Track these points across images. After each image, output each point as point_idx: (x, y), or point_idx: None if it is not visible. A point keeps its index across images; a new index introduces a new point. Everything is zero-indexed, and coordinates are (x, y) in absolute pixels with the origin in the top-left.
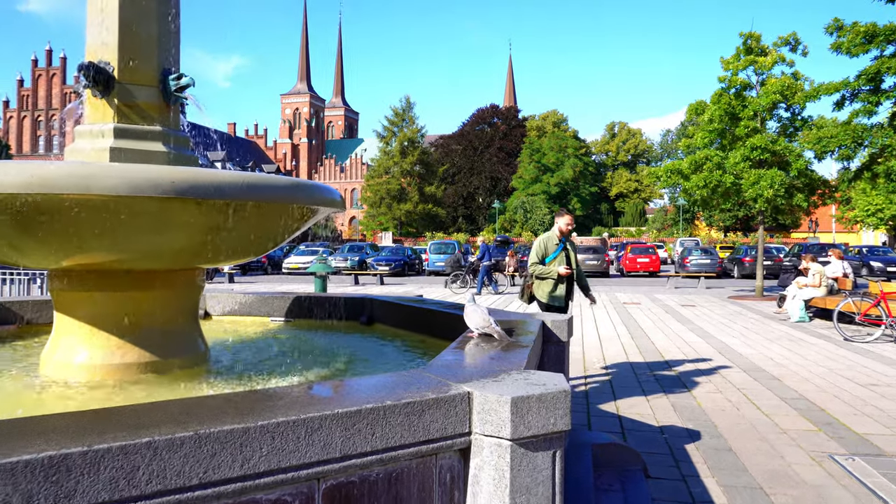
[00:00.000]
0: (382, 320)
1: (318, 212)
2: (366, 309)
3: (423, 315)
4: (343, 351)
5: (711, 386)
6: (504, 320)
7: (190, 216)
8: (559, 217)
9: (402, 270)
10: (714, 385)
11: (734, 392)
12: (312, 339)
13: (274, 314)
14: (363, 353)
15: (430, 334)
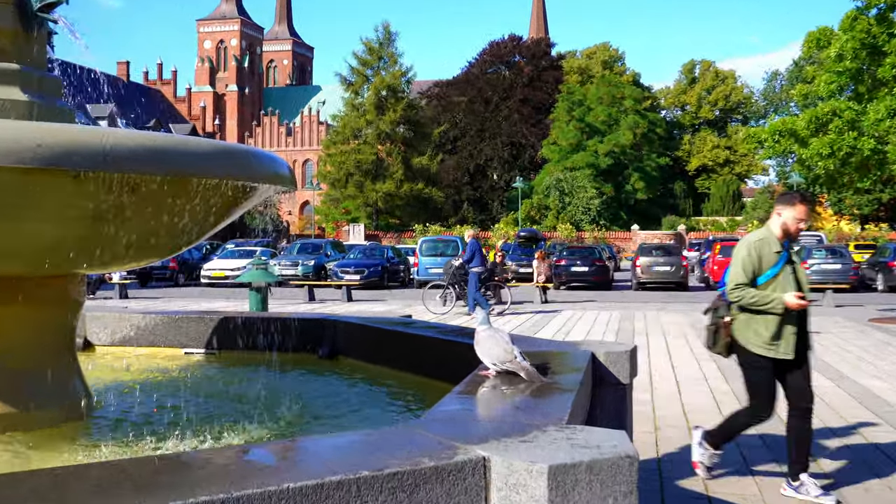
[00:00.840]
0: (351, 352)
1: (256, 191)
2: (326, 336)
3: (411, 345)
4: (293, 397)
5: (849, 455)
6: (534, 351)
7: (63, 197)
8: (786, 206)
9: (381, 280)
10: (854, 454)
11: (890, 465)
12: (247, 381)
13: (190, 344)
14: (323, 400)
15: (425, 373)
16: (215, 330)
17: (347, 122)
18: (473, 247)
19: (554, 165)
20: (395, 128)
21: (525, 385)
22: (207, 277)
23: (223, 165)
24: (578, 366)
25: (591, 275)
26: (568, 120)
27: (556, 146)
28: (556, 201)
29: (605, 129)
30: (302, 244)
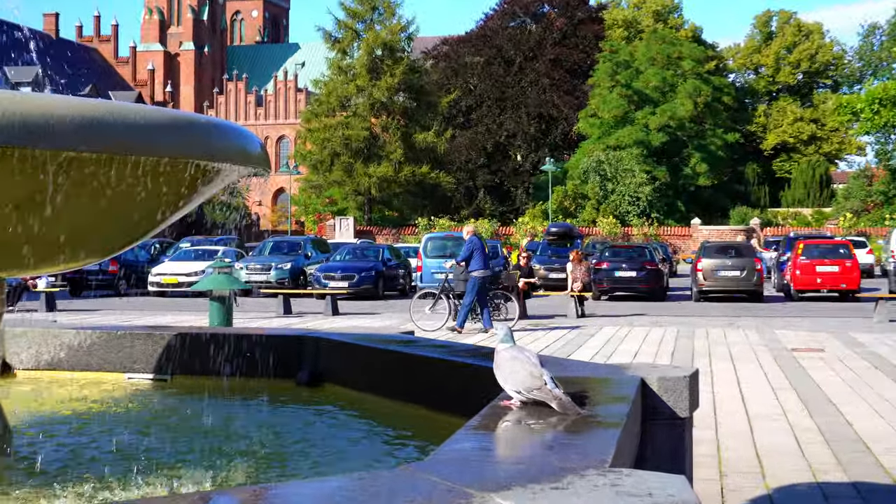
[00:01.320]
0: (337, 378)
1: (219, 174)
2: (307, 357)
3: (414, 369)
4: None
5: None
6: (569, 377)
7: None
8: None
9: (375, 289)
10: None
11: None
12: (205, 415)
13: (134, 367)
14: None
15: (431, 405)
16: (166, 350)
17: (333, 88)
18: (473, 245)
19: (593, 143)
20: (393, 96)
21: (557, 419)
22: (156, 284)
23: (177, 140)
24: (624, 395)
25: (641, 281)
26: (611, 86)
27: (595, 119)
28: (597, 188)
29: (658, 98)
30: (275, 243)
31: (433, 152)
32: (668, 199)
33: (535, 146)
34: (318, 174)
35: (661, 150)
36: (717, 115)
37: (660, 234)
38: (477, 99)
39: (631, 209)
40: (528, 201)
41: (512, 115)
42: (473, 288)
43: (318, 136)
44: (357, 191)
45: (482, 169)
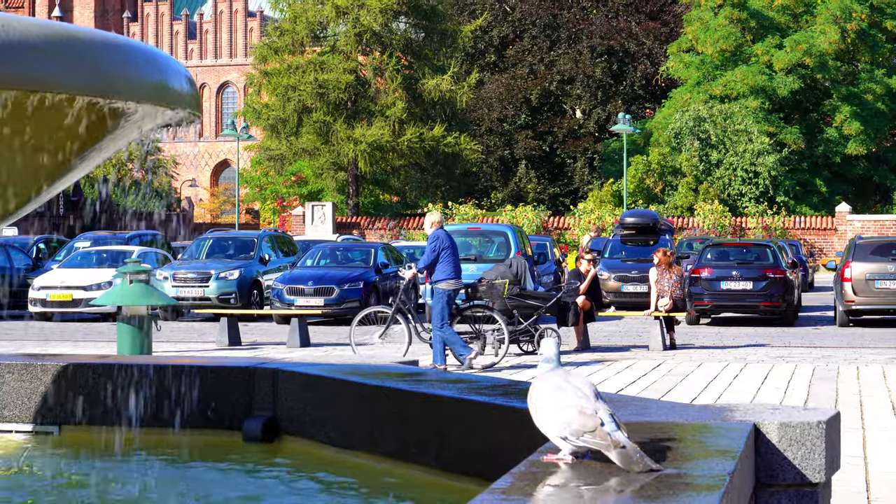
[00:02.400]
0: (303, 428)
1: (125, 120)
2: (259, 399)
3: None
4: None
5: None
6: (650, 422)
7: None
8: None
9: (363, 307)
10: None
11: None
12: (106, 489)
13: (5, 413)
14: None
15: (445, 466)
16: (54, 389)
17: (301, 11)
18: (439, 244)
19: (690, 92)
20: (391, 22)
21: (620, 480)
22: (40, 302)
23: (56, 65)
24: (727, 447)
25: (760, 296)
26: (716, 6)
27: (693, 56)
28: (695, 160)
29: (788, 24)
30: (216, 241)
31: (450, 106)
32: (801, 175)
33: (602, 97)
34: (278, 140)
35: (793, 102)
36: (877, 49)
37: (789, 227)
38: (515, 27)
39: (746, 190)
40: (591, 179)
41: (567, 51)
42: (444, 308)
43: (278, 84)
44: (337, 164)
45: (524, 131)
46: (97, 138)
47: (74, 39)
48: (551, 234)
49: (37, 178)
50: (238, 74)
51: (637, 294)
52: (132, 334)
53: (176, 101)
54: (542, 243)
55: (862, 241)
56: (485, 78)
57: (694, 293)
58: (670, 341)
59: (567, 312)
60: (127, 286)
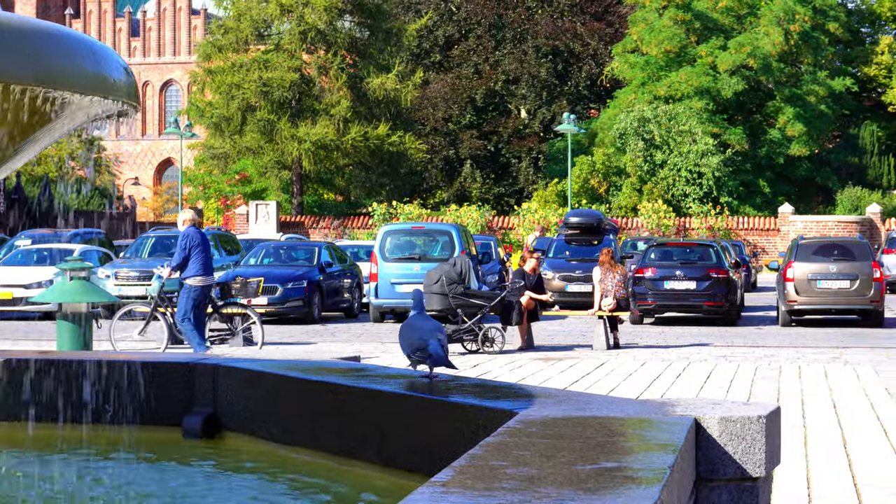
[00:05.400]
0: (244, 424)
1: (59, 110)
2: (200, 394)
3: (363, 409)
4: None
5: None
6: (589, 416)
7: None
8: None
9: (307, 306)
10: None
11: None
12: (46, 485)
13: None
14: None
15: (387, 461)
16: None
17: (245, 9)
18: (190, 241)
19: (634, 92)
20: (335, 20)
21: (560, 473)
22: None
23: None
24: (667, 441)
25: (703, 296)
26: (661, 7)
27: (637, 57)
28: (639, 160)
29: (732, 26)
30: (159, 239)
31: (395, 105)
32: (745, 175)
33: (547, 97)
34: (222, 138)
35: (736, 103)
36: (820, 51)
37: (732, 227)
38: (461, 26)
39: (690, 191)
40: (536, 179)
41: (513, 50)
42: (189, 302)
43: (222, 82)
44: (281, 163)
45: (468, 130)
46: (33, 128)
47: (11, 27)
48: (496, 234)
49: None
50: (182, 72)
51: (581, 294)
52: (72, 331)
53: (113, 91)
54: (487, 243)
55: (804, 242)
56: (430, 77)
57: (637, 293)
58: (614, 341)
59: (511, 312)
60: (67, 283)
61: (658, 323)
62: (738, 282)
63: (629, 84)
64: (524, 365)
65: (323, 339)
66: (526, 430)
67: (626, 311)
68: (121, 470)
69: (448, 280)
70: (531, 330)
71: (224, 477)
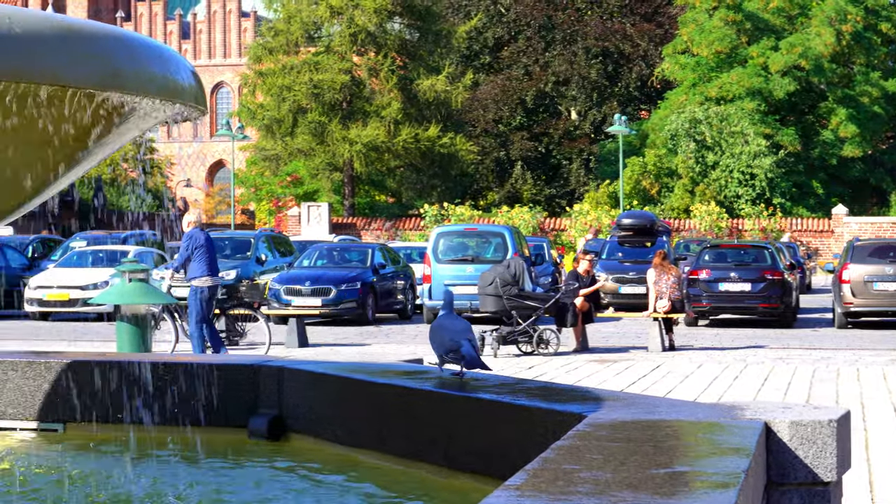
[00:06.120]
0: (309, 426)
1: (129, 115)
2: (265, 397)
3: (426, 410)
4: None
5: None
6: (657, 420)
7: None
8: None
9: (361, 307)
10: None
11: None
12: (115, 482)
13: (8, 412)
14: None
15: (456, 464)
16: (57, 387)
17: (295, 11)
18: (193, 242)
19: (685, 93)
20: (385, 22)
21: (635, 477)
22: (37, 302)
23: (62, 58)
24: (739, 445)
25: (758, 298)
26: (711, 8)
27: (688, 58)
28: (691, 161)
29: (783, 26)
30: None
31: (445, 107)
32: (797, 177)
33: (597, 99)
34: (274, 140)
35: (788, 104)
36: (873, 51)
37: (786, 228)
38: (510, 28)
39: (743, 192)
40: (587, 180)
41: (563, 52)
42: (198, 304)
43: (273, 84)
44: (333, 164)
45: (519, 132)
46: (103, 133)
47: (82, 33)
48: (548, 236)
49: (42, 173)
50: (232, 74)
51: (635, 295)
52: (132, 333)
53: (181, 95)
54: (539, 244)
55: (860, 244)
56: (480, 79)
57: (692, 295)
58: (669, 342)
59: (565, 313)
60: (126, 285)
61: (713, 325)
62: (793, 283)
63: (680, 85)
64: (580, 367)
65: (377, 340)
66: (595, 433)
67: (680, 313)
68: (189, 472)
69: (502, 282)
70: (586, 332)
71: (292, 479)
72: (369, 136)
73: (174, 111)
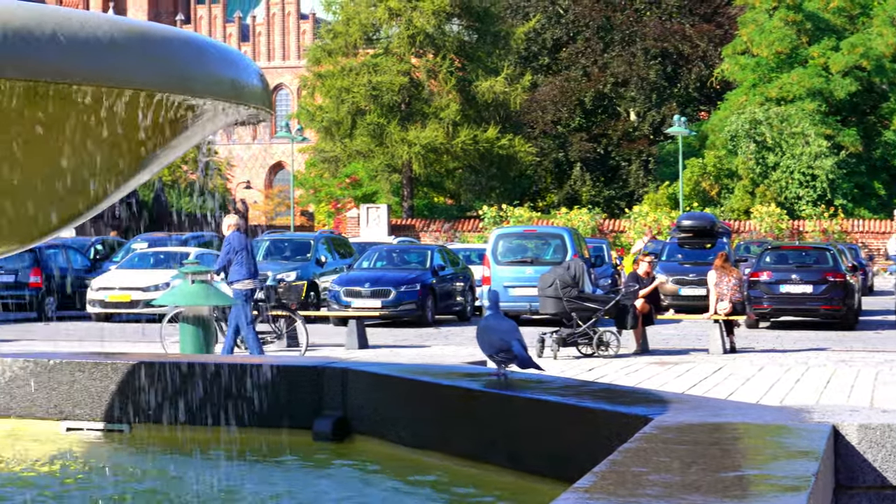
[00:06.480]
0: (373, 427)
1: (199, 117)
2: (329, 398)
3: (490, 412)
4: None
5: None
6: (723, 423)
7: None
8: None
9: (421, 309)
10: None
11: None
12: (183, 487)
13: (76, 413)
14: None
15: (522, 466)
16: (123, 388)
17: (354, 13)
18: (233, 245)
19: (745, 94)
20: (444, 24)
21: (704, 480)
22: (100, 303)
23: (137, 62)
24: (807, 448)
25: (820, 300)
26: (771, 8)
27: (748, 59)
28: (751, 162)
29: (844, 25)
30: (273, 243)
31: (504, 108)
32: (859, 178)
33: (656, 100)
34: (333, 142)
35: (850, 105)
36: None
37: (848, 230)
38: (569, 29)
39: (804, 193)
40: (646, 182)
41: (622, 52)
42: (239, 307)
43: (332, 86)
44: (391, 166)
45: (578, 133)
46: (172, 136)
47: (152, 37)
48: (606, 237)
49: (112, 175)
50: (291, 77)
51: (695, 297)
52: (195, 334)
53: (249, 98)
54: (599, 246)
55: None
56: (538, 80)
57: (753, 297)
58: (730, 344)
59: (626, 315)
60: (189, 287)
61: (774, 327)
62: (855, 285)
63: (740, 86)
64: (640, 369)
65: (436, 342)
66: (662, 436)
67: (741, 315)
68: (254, 473)
69: (562, 284)
70: (646, 334)
71: (359, 481)
72: (428, 137)
73: (242, 114)
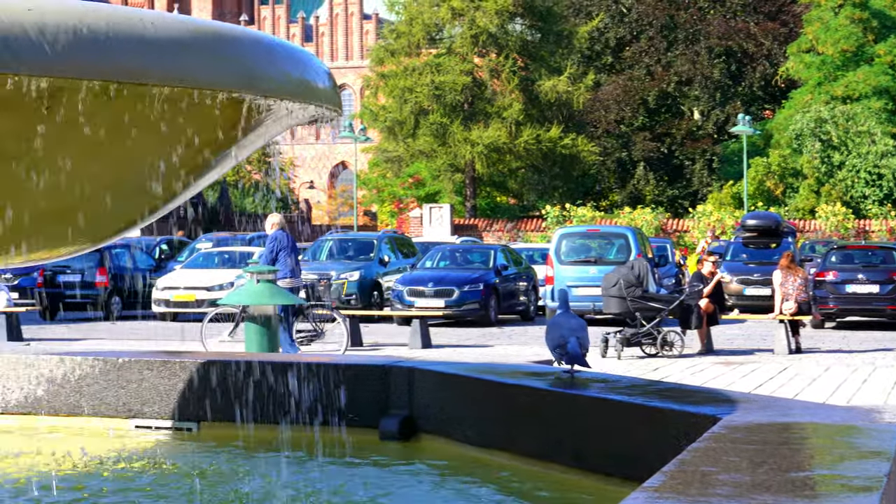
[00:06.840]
0: (439, 426)
1: (268, 116)
2: (395, 397)
3: (557, 411)
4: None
5: None
6: (793, 423)
7: None
8: None
9: (484, 309)
10: None
11: None
12: (258, 486)
13: (144, 411)
14: None
15: (580, 464)
16: (191, 387)
17: (416, 13)
18: (277, 244)
19: (810, 93)
20: (507, 23)
21: (774, 479)
22: (165, 303)
23: (207, 62)
24: (878, 448)
25: (887, 300)
26: (836, 6)
27: (813, 57)
28: (817, 161)
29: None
30: (336, 243)
31: (566, 108)
32: None
33: (720, 99)
34: (396, 142)
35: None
36: None
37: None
38: (632, 28)
39: (870, 192)
40: (710, 181)
41: (686, 51)
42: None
43: (395, 86)
44: (454, 166)
45: (641, 132)
46: (241, 135)
47: (222, 37)
48: (670, 237)
49: (183, 174)
50: (354, 77)
51: (759, 297)
52: (260, 334)
53: (317, 97)
54: (662, 245)
55: None
56: (601, 79)
57: (819, 297)
58: (796, 345)
59: (690, 315)
60: (254, 286)
61: (840, 327)
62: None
63: (805, 84)
64: (705, 369)
65: (500, 342)
66: (731, 435)
67: (807, 315)
68: (322, 472)
69: (626, 283)
70: (710, 333)
71: (428, 480)
72: (491, 137)
73: (311, 113)
